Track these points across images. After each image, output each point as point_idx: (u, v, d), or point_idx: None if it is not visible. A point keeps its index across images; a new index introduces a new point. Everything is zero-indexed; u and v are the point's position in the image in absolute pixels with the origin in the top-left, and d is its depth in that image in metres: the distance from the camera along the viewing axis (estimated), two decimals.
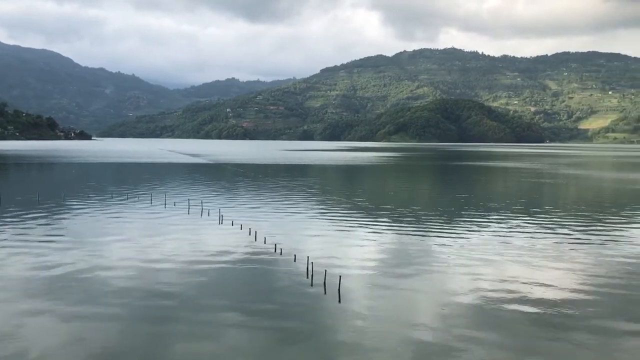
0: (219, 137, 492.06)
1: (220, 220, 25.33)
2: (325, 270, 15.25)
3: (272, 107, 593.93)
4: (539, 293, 14.13)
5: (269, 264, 17.08)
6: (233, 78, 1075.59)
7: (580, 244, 20.85)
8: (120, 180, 50.89)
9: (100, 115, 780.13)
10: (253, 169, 68.14)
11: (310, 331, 11.45)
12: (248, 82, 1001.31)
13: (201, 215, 27.24)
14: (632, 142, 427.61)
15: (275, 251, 18.68)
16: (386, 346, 10.67)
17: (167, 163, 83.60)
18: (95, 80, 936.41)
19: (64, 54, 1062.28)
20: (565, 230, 24.01)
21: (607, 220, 27.28)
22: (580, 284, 15.17)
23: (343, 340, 11.00)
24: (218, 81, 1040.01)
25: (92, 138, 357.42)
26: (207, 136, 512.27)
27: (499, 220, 26.72)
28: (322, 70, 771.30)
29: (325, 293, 14.02)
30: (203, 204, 30.36)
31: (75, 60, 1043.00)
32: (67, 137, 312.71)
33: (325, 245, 20.25)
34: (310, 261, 16.08)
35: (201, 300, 13.32)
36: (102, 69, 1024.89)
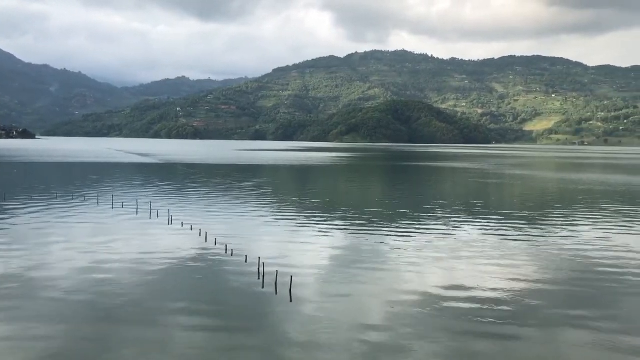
0: (169, 137, 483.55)
1: (170, 221, 24.91)
2: (277, 271, 15.21)
3: (223, 107, 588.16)
4: (486, 290, 14.50)
5: (219, 266, 16.91)
6: (184, 77, 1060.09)
7: (526, 242, 21.52)
8: (65, 181, 49.33)
9: (45, 114, 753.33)
10: (204, 169, 67.33)
11: (261, 331, 11.40)
12: (199, 81, 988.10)
13: (150, 216, 26.71)
14: (573, 144, 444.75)
15: (226, 252, 18.51)
16: (337, 344, 10.74)
17: (115, 163, 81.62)
18: (39, 77, 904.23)
19: (5, 50, 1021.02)
20: (512, 229, 24.73)
21: (552, 219, 28.25)
22: (526, 280, 15.65)
23: (294, 339, 11.01)
24: (168, 80, 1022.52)
25: (36, 137, 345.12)
26: (157, 135, 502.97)
27: (448, 220, 27.28)
28: (275, 70, 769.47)
29: (276, 293, 13.99)
30: (152, 205, 29.78)
31: (18, 56, 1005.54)
32: (8, 136, 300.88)
33: (277, 246, 20.20)
34: (261, 262, 16.01)
35: (150, 303, 13.07)
36: (46, 66, 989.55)
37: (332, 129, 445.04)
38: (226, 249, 18.76)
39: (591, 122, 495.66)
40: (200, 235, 21.49)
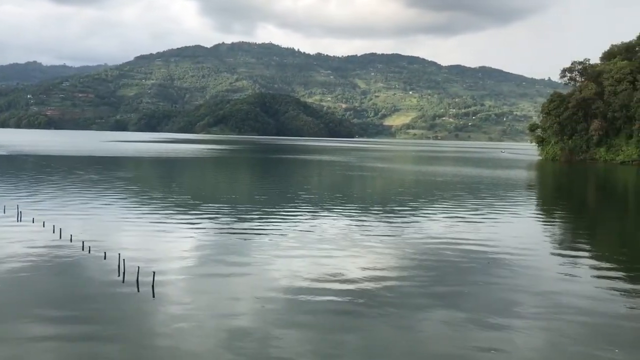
0: (18, 126, 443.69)
1: (19, 217, 22.96)
2: (139, 267, 14.66)
3: (80, 95, 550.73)
4: (350, 279, 15.08)
5: (75, 264, 15.94)
6: (35, 62, 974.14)
7: (388, 231, 22.72)
8: None
9: None
10: (59, 162, 62.81)
11: (122, 329, 10.95)
12: (53, 67, 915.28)
13: None
14: (428, 138, 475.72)
15: (82, 249, 17.47)
16: (202, 339, 10.62)
17: None
18: None
19: None
20: (375, 219, 25.97)
21: (411, 209, 30.10)
22: (389, 268, 16.55)
23: (156, 337, 10.72)
24: (17, 64, 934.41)
25: None
26: (4, 125, 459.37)
27: (315, 212, 27.99)
28: (137, 58, 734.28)
29: (138, 290, 13.50)
30: None
31: None
32: None
33: (139, 241, 19.47)
34: (122, 258, 15.33)
35: None
36: None
37: (199, 120, 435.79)
38: (83, 246, 17.71)
39: (444, 118, 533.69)
40: (54, 232, 20.06)
